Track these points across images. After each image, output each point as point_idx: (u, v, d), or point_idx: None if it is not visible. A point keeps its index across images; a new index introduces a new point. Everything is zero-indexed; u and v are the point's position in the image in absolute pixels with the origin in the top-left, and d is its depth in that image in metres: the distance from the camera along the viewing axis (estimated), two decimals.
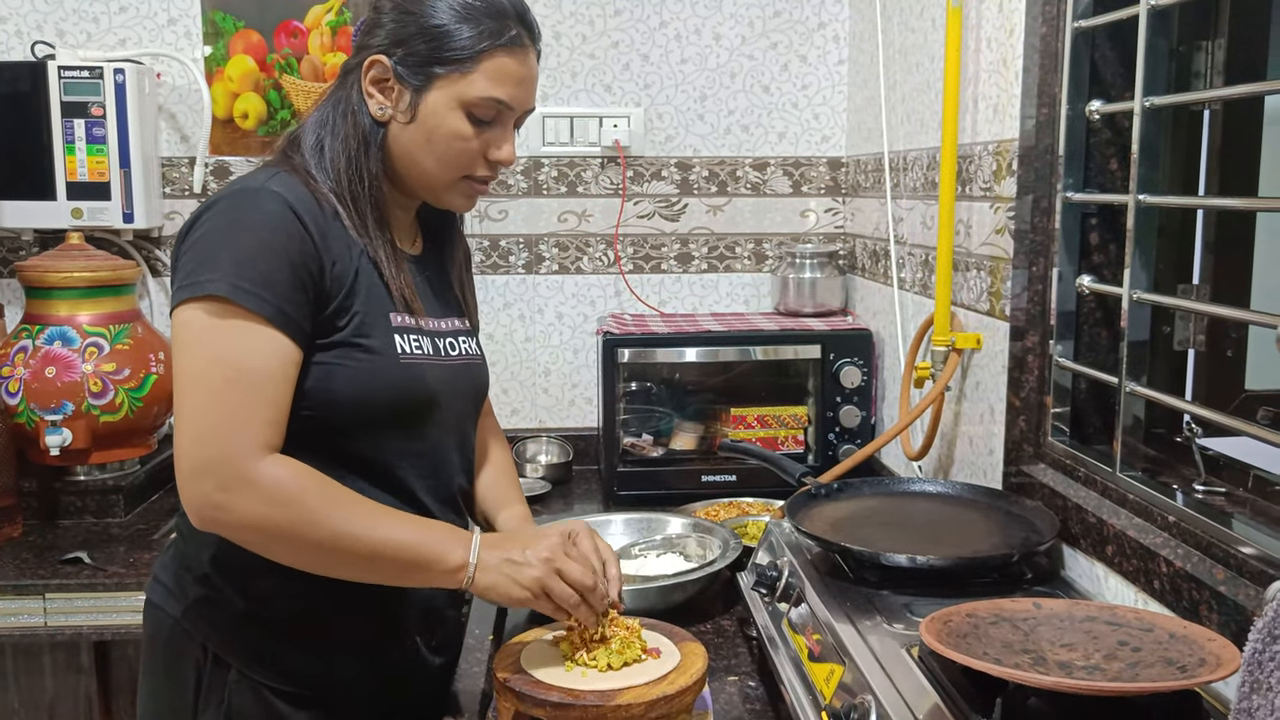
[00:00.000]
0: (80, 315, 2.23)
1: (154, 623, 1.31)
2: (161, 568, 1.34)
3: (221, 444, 1.12)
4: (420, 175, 1.30)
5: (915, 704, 1.05)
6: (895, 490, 1.66)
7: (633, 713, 1.16)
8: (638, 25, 2.57)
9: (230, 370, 1.13)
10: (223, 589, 1.25)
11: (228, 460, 1.12)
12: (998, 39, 1.68)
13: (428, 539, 1.21)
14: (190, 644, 1.26)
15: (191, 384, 1.14)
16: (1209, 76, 1.43)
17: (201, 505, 1.14)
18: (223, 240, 1.16)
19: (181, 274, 1.17)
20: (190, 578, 1.28)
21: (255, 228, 1.17)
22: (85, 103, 2.30)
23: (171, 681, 1.28)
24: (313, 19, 2.52)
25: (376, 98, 1.27)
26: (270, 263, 1.16)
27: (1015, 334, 1.60)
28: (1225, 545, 1.15)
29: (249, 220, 1.17)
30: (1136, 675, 0.98)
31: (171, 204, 2.54)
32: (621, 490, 2.26)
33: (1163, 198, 1.39)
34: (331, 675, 1.30)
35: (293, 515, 1.14)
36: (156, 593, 1.32)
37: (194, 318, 1.15)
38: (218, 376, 1.13)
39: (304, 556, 1.18)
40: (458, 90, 1.25)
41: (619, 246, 2.62)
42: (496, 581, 1.21)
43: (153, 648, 1.32)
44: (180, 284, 1.17)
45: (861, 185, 2.50)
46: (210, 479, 1.12)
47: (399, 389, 1.26)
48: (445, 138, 1.27)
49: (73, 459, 2.22)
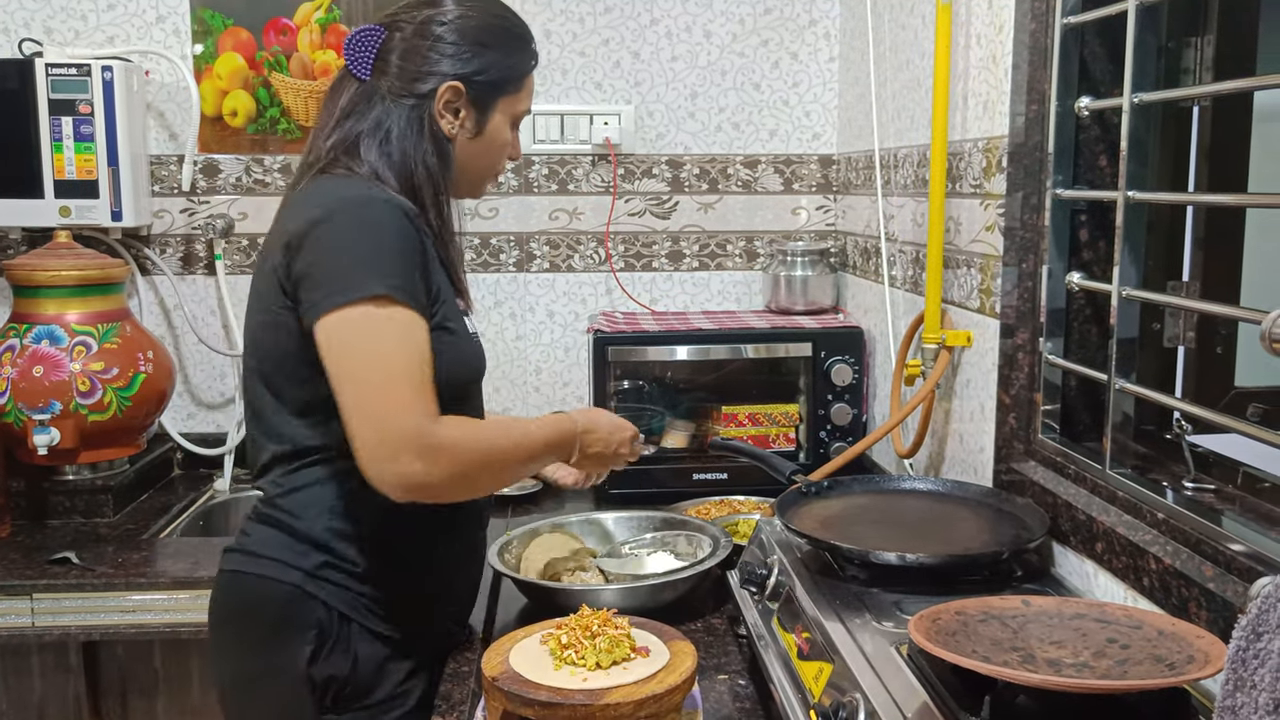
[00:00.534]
0: (68, 314, 2.22)
1: (259, 593, 1.40)
2: (261, 545, 1.41)
3: (408, 421, 1.25)
4: (471, 178, 1.51)
5: (904, 702, 1.05)
6: (886, 488, 1.65)
7: (621, 712, 1.15)
8: (628, 23, 2.57)
9: (402, 358, 1.28)
10: (345, 554, 1.38)
11: (418, 434, 1.25)
12: (987, 35, 1.68)
13: (556, 424, 1.49)
14: (312, 605, 1.37)
15: (368, 375, 1.27)
16: (1198, 73, 1.43)
17: (406, 478, 1.25)
18: (362, 245, 1.30)
19: (325, 281, 1.28)
20: (307, 547, 1.38)
21: (386, 231, 1.31)
22: (73, 100, 2.29)
23: (286, 641, 1.37)
24: (302, 16, 2.51)
25: (447, 118, 1.44)
26: (406, 261, 1.31)
27: (1005, 331, 1.60)
28: (1214, 542, 1.15)
29: (378, 225, 1.31)
30: (1125, 673, 0.98)
31: (160, 202, 2.53)
32: (612, 489, 2.26)
33: (1152, 194, 1.39)
34: (430, 625, 1.48)
35: (476, 456, 1.33)
36: (263, 566, 1.40)
37: (362, 315, 1.27)
38: (392, 365, 1.27)
39: (495, 481, 1.43)
40: (511, 107, 1.49)
41: (610, 244, 2.62)
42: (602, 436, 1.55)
43: (258, 615, 1.40)
44: (332, 290, 1.28)
45: (852, 183, 2.50)
46: (407, 453, 1.25)
47: (472, 365, 1.47)
48: (499, 147, 1.50)
49: (61, 458, 2.21)
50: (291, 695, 1.37)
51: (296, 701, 1.37)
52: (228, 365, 2.60)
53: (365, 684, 1.39)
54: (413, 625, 1.44)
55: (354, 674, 1.38)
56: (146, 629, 1.96)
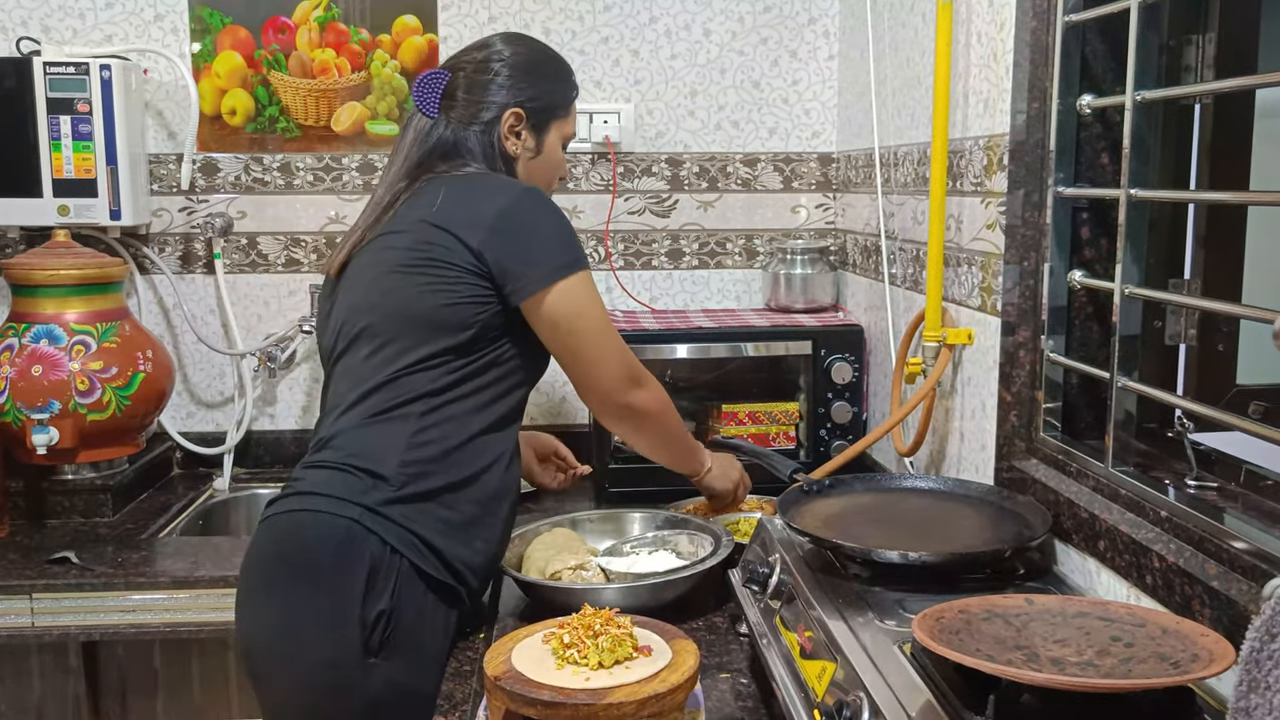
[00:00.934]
0: (67, 313, 2.22)
1: (316, 530, 1.49)
2: (319, 484, 1.51)
3: (631, 360, 1.63)
4: None
5: (908, 701, 1.05)
6: (887, 486, 1.65)
7: (624, 711, 1.15)
8: (627, 21, 2.56)
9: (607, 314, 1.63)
10: (404, 489, 1.50)
11: (637, 368, 1.64)
12: (988, 33, 1.68)
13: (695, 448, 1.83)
14: (367, 539, 1.47)
15: (602, 327, 1.60)
16: (1200, 70, 1.43)
17: (630, 402, 1.63)
18: (560, 227, 1.58)
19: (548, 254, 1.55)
20: (368, 483, 1.49)
21: (563, 217, 1.60)
22: (71, 99, 2.29)
23: (341, 575, 1.46)
24: (301, 14, 2.51)
25: (511, 140, 1.68)
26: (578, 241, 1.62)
27: (1006, 329, 1.59)
28: (1217, 540, 1.14)
29: (557, 212, 1.60)
30: (1129, 671, 0.98)
31: (159, 201, 2.53)
32: (613, 488, 2.26)
33: (1154, 192, 1.38)
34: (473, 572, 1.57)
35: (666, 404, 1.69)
36: (322, 503, 1.49)
37: (582, 282, 1.58)
38: (607, 319, 1.61)
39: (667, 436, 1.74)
40: (562, 129, 1.75)
41: (610, 243, 2.61)
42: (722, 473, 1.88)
43: (318, 551, 1.48)
44: (559, 264, 1.55)
45: (852, 181, 2.50)
46: (630, 385, 1.62)
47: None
48: (556, 164, 1.75)
49: (60, 458, 2.21)
50: (344, 637, 1.44)
51: (347, 645, 1.44)
52: (227, 364, 2.59)
53: (406, 628, 1.47)
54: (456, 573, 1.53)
55: (396, 612, 1.46)
56: (146, 629, 1.95)
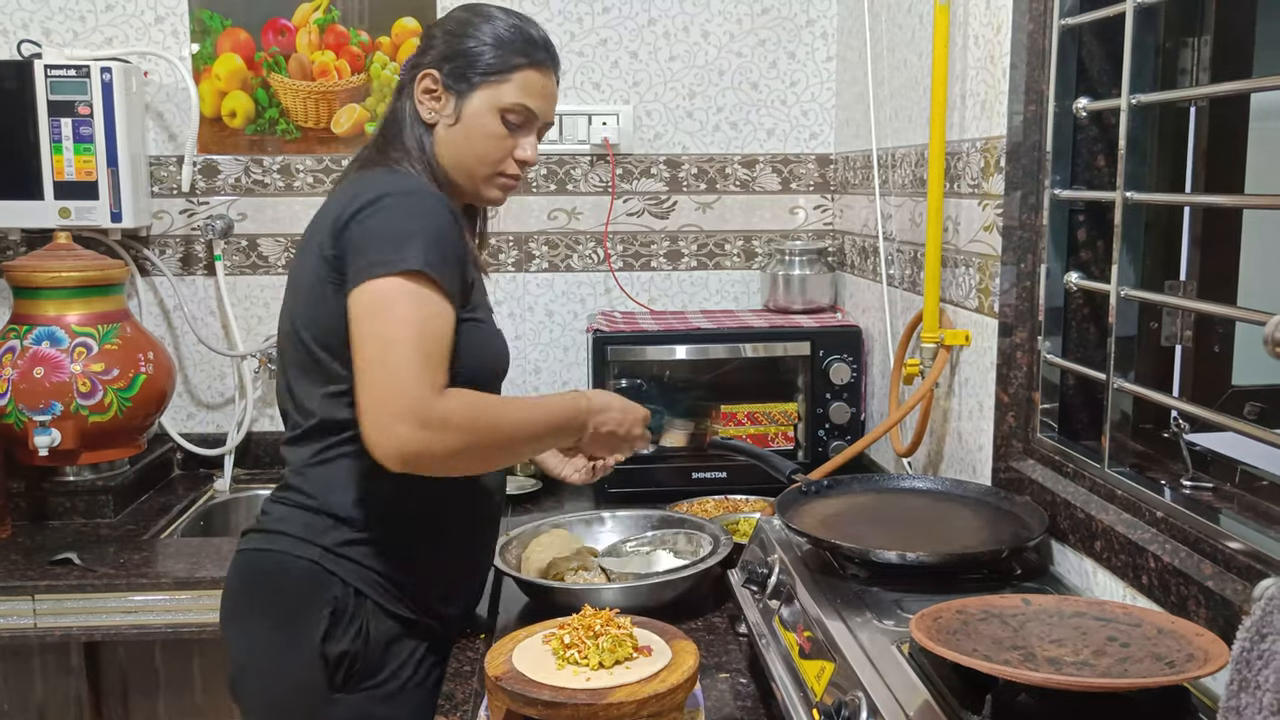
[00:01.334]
0: (68, 315, 2.22)
1: (278, 569, 1.44)
2: (280, 521, 1.46)
3: (416, 390, 1.29)
4: (463, 171, 1.51)
5: (906, 700, 1.06)
6: (885, 487, 1.66)
7: (624, 711, 1.16)
8: (626, 23, 2.57)
9: (418, 330, 1.32)
10: (365, 531, 1.43)
11: (422, 402, 1.29)
12: (985, 36, 1.69)
13: (564, 403, 1.50)
14: (329, 581, 1.41)
15: (388, 343, 1.31)
16: (1195, 73, 1.44)
17: (407, 444, 1.28)
18: (406, 226, 1.36)
19: (368, 253, 1.34)
20: (328, 522, 1.43)
21: (429, 218, 1.38)
22: (72, 101, 2.29)
23: (302, 615, 1.41)
24: (300, 17, 2.52)
25: (426, 104, 1.50)
26: (445, 248, 1.37)
27: (1004, 330, 1.60)
28: (1213, 540, 1.15)
29: (422, 211, 1.38)
30: (1125, 671, 0.98)
31: (159, 203, 2.53)
32: (612, 487, 2.26)
33: (1150, 194, 1.39)
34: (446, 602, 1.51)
35: (479, 433, 1.34)
36: (282, 542, 1.44)
37: (392, 287, 1.32)
38: (408, 335, 1.31)
39: (494, 459, 1.43)
40: (495, 96, 1.49)
41: (608, 244, 2.62)
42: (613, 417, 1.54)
43: (277, 590, 1.44)
44: (372, 261, 1.33)
45: (850, 182, 2.51)
46: (410, 420, 1.28)
47: (502, 355, 1.55)
48: (482, 137, 1.50)
49: (61, 459, 2.22)
50: (306, 673, 1.40)
51: (310, 679, 1.40)
52: (227, 365, 2.60)
53: (375, 663, 1.43)
54: (424, 607, 1.48)
55: (365, 651, 1.42)
56: (148, 629, 1.96)
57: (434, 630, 1.51)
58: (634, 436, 1.59)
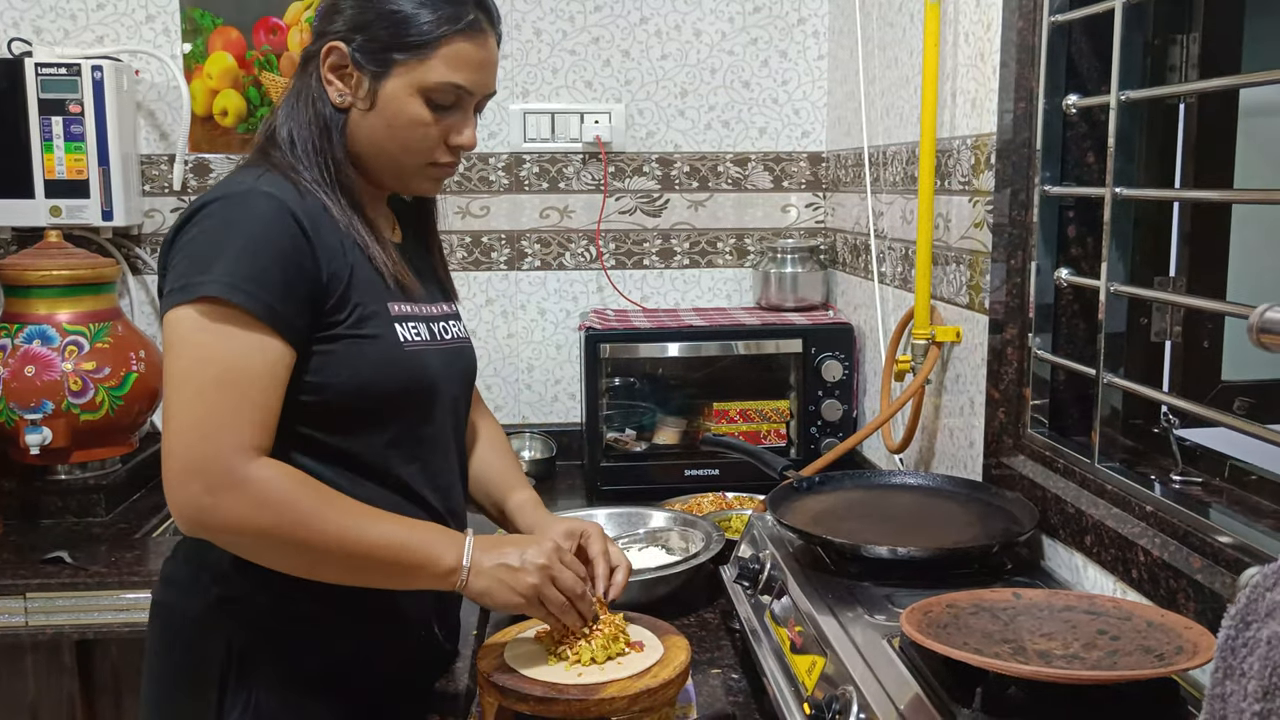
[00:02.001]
0: (60, 314, 2.22)
1: (168, 625, 1.29)
2: (173, 569, 1.31)
3: (209, 444, 1.11)
4: (385, 162, 1.30)
5: (897, 694, 1.06)
6: (876, 483, 1.67)
7: (616, 706, 1.16)
8: (618, 21, 2.57)
9: (219, 370, 1.13)
10: (245, 585, 1.23)
11: (216, 460, 1.11)
12: (975, 34, 1.69)
13: (420, 540, 1.20)
14: (213, 641, 1.24)
15: (179, 385, 1.13)
16: (1184, 70, 1.45)
17: (187, 507, 1.12)
18: (215, 242, 1.16)
19: (173, 276, 1.17)
20: (209, 576, 1.25)
21: (247, 228, 1.16)
22: (63, 100, 2.29)
23: (192, 681, 1.25)
24: (292, 15, 2.51)
25: (336, 84, 1.27)
26: (262, 261, 1.15)
27: (994, 327, 1.61)
28: (1202, 534, 1.16)
29: (241, 221, 1.17)
30: (1115, 664, 0.99)
31: (151, 202, 2.53)
32: (605, 485, 2.27)
33: (1139, 190, 1.40)
34: (354, 662, 1.29)
35: (281, 517, 1.13)
36: (169, 594, 1.30)
37: (185, 318, 1.14)
38: (207, 377, 1.12)
39: (292, 560, 1.17)
40: (416, 77, 1.25)
41: (601, 242, 2.62)
42: (491, 586, 1.21)
43: (168, 651, 1.29)
44: (172, 287, 1.16)
45: (842, 180, 2.51)
46: (198, 480, 1.11)
47: (404, 377, 1.26)
48: (405, 124, 1.26)
49: (53, 458, 2.21)
50: None
51: None
52: None
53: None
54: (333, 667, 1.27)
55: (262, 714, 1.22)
56: (140, 628, 1.92)
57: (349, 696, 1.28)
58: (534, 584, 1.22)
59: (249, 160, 1.30)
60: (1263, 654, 0.67)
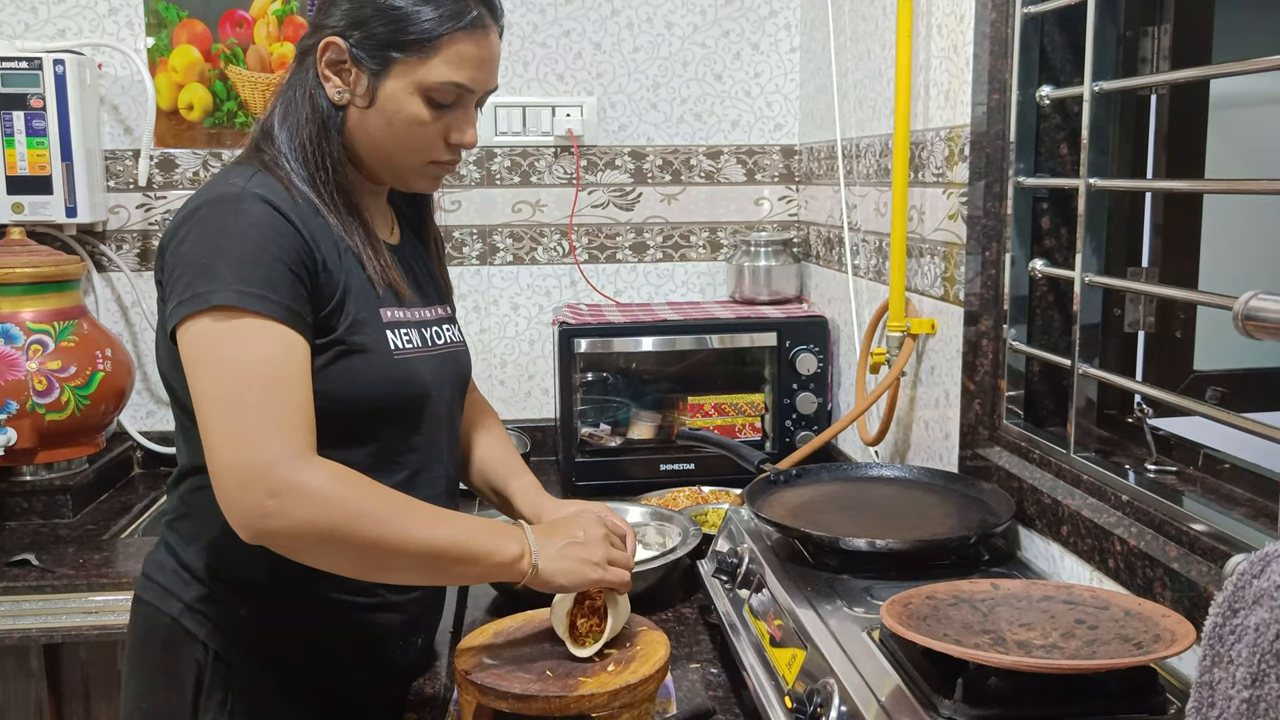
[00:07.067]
0: (23, 312, 2.18)
1: (147, 622, 1.29)
2: (154, 567, 1.31)
3: (265, 450, 1.08)
4: (383, 160, 1.29)
5: (877, 686, 1.06)
6: (853, 475, 1.67)
7: (596, 702, 1.16)
8: (589, 14, 2.56)
9: (253, 376, 1.11)
10: (223, 587, 1.24)
11: (275, 465, 1.08)
12: (948, 25, 1.69)
13: (482, 530, 1.21)
14: (190, 643, 1.24)
15: (216, 397, 1.10)
16: (1156, 61, 1.45)
17: (253, 516, 1.08)
18: (214, 248, 1.14)
19: (179, 288, 1.14)
20: (188, 576, 1.26)
21: (244, 231, 1.15)
22: (24, 94, 2.25)
23: (169, 681, 1.25)
24: (258, 8, 2.48)
25: (334, 80, 1.25)
26: (266, 263, 1.14)
27: (969, 319, 1.61)
28: (1177, 523, 1.16)
29: (236, 225, 1.15)
30: (1094, 653, 0.99)
31: (115, 197, 2.49)
32: (580, 480, 2.26)
33: (1112, 181, 1.41)
34: (333, 671, 1.29)
35: (348, 516, 1.10)
36: (150, 591, 1.29)
37: (204, 329, 1.12)
38: (243, 384, 1.10)
39: (362, 560, 1.14)
40: (417, 76, 1.23)
41: (573, 236, 2.61)
42: (568, 566, 1.22)
43: (146, 648, 1.29)
44: (180, 299, 1.13)
45: (815, 173, 2.51)
46: (259, 487, 1.08)
47: (394, 386, 1.26)
48: (405, 123, 1.25)
49: (18, 459, 2.17)
50: None
51: None
52: None
53: None
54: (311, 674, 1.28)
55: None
56: (109, 630, 1.93)
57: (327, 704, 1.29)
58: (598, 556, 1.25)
59: (240, 158, 1.29)
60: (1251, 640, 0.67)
